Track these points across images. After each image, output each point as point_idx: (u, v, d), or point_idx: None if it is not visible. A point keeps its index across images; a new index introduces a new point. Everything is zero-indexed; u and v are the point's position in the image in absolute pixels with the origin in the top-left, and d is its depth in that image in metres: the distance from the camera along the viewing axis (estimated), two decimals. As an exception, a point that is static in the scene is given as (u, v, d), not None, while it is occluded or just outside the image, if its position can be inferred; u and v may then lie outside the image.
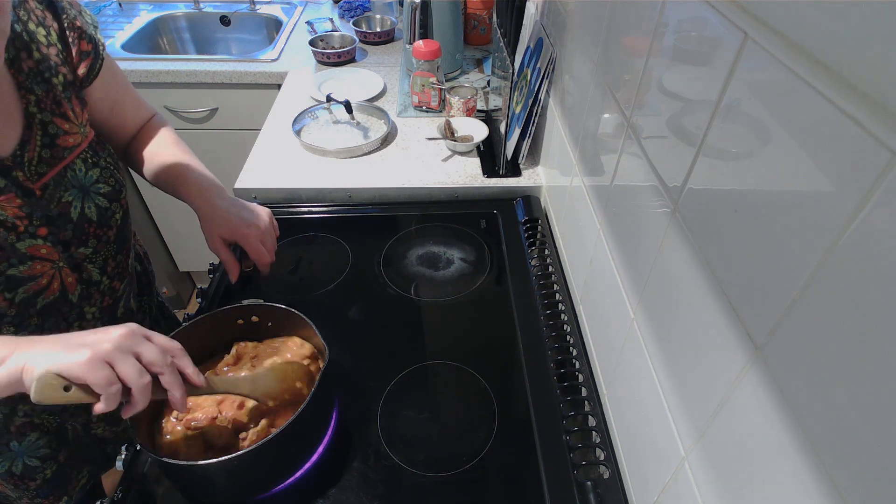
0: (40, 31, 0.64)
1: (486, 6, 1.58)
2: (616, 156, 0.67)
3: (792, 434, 0.34)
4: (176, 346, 0.56)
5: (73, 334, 0.53)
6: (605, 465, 0.67)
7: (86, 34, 0.69)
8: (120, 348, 0.51)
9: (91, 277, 0.71)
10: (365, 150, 1.19)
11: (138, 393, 0.51)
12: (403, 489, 0.65)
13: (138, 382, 0.51)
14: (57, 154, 0.65)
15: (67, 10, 0.67)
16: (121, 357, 0.51)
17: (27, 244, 0.63)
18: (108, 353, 0.50)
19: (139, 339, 0.53)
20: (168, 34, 1.90)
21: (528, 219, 1.05)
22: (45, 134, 0.64)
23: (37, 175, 0.63)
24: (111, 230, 0.73)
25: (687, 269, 0.48)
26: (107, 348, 0.50)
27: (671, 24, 0.52)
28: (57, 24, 0.66)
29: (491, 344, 0.84)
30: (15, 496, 0.79)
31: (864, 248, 0.29)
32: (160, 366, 0.53)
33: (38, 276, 0.65)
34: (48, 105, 0.64)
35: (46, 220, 0.64)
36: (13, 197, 0.61)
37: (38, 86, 0.63)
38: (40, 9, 0.64)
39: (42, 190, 0.63)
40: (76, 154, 0.67)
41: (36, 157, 0.63)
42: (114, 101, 0.78)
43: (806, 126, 0.33)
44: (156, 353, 0.53)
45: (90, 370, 0.49)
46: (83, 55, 0.69)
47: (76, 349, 0.50)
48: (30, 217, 0.62)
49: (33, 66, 0.62)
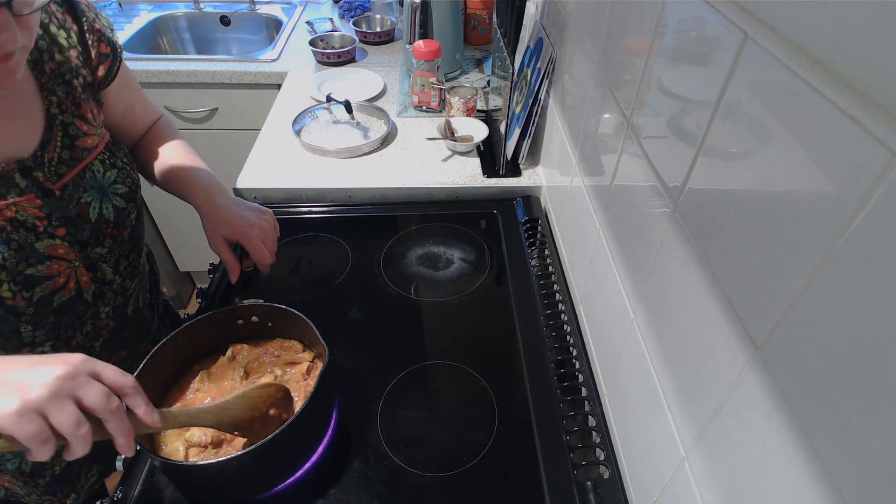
0: (61, 33, 0.65)
1: (486, 6, 1.58)
2: (616, 156, 0.67)
3: (792, 434, 0.34)
4: (128, 383, 0.50)
5: (5, 365, 0.47)
6: (605, 465, 0.67)
7: (104, 37, 0.71)
8: (57, 394, 0.45)
9: (105, 277, 0.72)
10: (365, 150, 1.19)
11: (75, 443, 0.46)
12: (403, 489, 0.65)
13: (75, 434, 0.46)
14: (76, 155, 0.66)
15: (86, 13, 0.68)
16: (55, 406, 0.45)
17: (45, 244, 0.63)
18: (40, 402, 0.44)
19: (82, 378, 0.47)
20: (168, 34, 1.90)
21: (528, 219, 1.05)
22: (66, 135, 0.64)
23: (56, 176, 0.63)
24: (126, 230, 0.73)
25: (687, 269, 0.48)
26: (39, 396, 0.44)
27: (671, 24, 0.52)
28: (77, 27, 0.67)
29: (491, 344, 0.84)
30: (24, 493, 0.79)
31: (864, 248, 0.29)
32: (103, 411, 0.47)
33: (55, 276, 0.65)
34: (69, 106, 0.65)
35: (65, 221, 0.64)
36: (33, 198, 0.61)
37: (60, 87, 0.64)
38: (60, 11, 0.65)
39: (61, 190, 0.64)
40: (94, 155, 0.68)
41: (56, 158, 0.63)
42: (127, 103, 0.79)
43: (806, 126, 0.33)
44: (99, 397, 0.47)
45: (17, 423, 0.43)
46: (102, 57, 0.70)
47: (4, 394, 0.44)
48: (49, 217, 0.63)
49: (55, 68, 0.63)
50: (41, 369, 0.46)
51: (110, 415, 0.48)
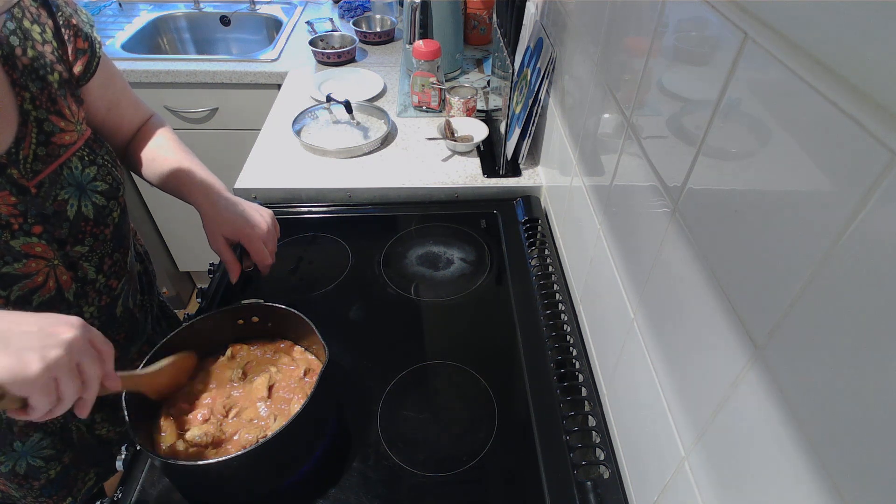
0: (35, 28, 0.64)
1: (486, 6, 1.58)
2: (616, 156, 0.67)
3: (792, 434, 0.34)
4: (109, 351, 0.53)
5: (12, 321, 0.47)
6: (605, 465, 0.67)
7: (81, 32, 0.69)
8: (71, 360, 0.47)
9: (86, 276, 0.71)
10: (365, 150, 1.19)
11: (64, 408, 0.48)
12: (403, 489, 0.65)
13: (70, 402, 0.48)
14: (52, 152, 0.65)
15: (62, 8, 0.67)
16: (68, 373, 0.47)
17: (21, 242, 0.63)
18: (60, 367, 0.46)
19: (88, 347, 0.49)
20: (168, 34, 1.90)
21: (528, 219, 1.05)
22: (41, 131, 0.63)
23: (32, 173, 0.63)
24: (108, 228, 0.72)
25: (687, 269, 0.48)
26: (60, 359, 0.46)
27: (671, 24, 0.52)
28: (52, 22, 0.66)
29: (491, 344, 0.84)
30: (19, 496, 0.79)
31: (864, 248, 0.29)
32: (94, 381, 0.50)
33: (33, 274, 0.64)
34: (43, 102, 0.64)
35: (41, 218, 0.64)
36: (7, 195, 0.60)
37: (33, 83, 0.63)
38: (34, 6, 0.64)
39: (37, 188, 0.63)
40: (72, 152, 0.67)
41: (31, 155, 0.62)
42: (111, 101, 0.77)
43: (806, 126, 0.33)
44: (94, 368, 0.50)
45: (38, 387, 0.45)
46: (79, 53, 0.69)
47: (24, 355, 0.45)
48: (24, 215, 0.62)
49: (28, 64, 0.62)
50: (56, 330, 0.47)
51: (96, 382, 0.50)
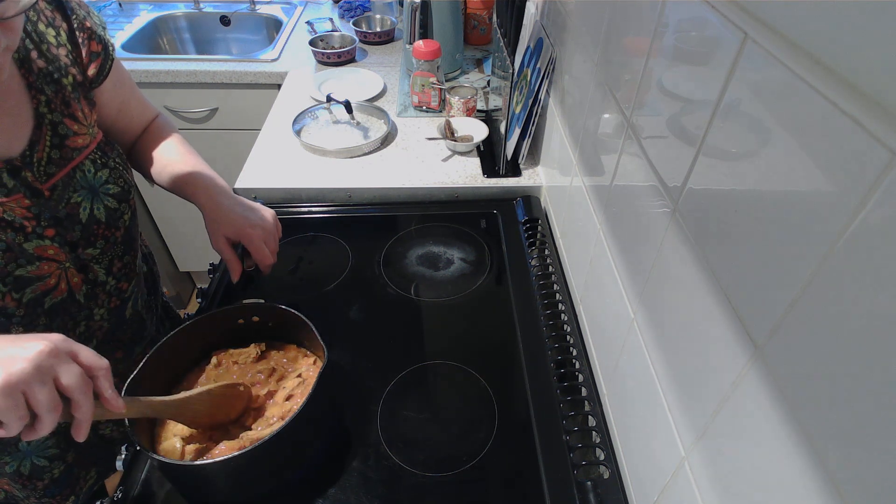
0: (50, 31, 0.64)
1: (486, 6, 1.58)
2: (616, 156, 0.67)
3: (792, 434, 0.34)
4: (102, 366, 0.51)
5: None
6: (605, 465, 0.67)
7: (95, 35, 0.70)
8: (39, 371, 0.45)
9: (97, 278, 0.71)
10: (365, 150, 1.19)
11: (45, 422, 0.46)
12: (403, 489, 0.65)
13: (49, 414, 0.46)
14: (66, 155, 0.65)
15: (77, 11, 0.67)
16: (38, 383, 0.45)
17: (34, 245, 0.63)
18: (24, 379, 0.44)
19: (63, 358, 0.47)
20: (168, 34, 1.90)
21: (528, 219, 1.05)
22: (55, 134, 0.64)
23: (46, 176, 0.63)
24: (119, 231, 0.73)
25: (687, 269, 0.48)
26: (24, 371, 0.44)
27: (671, 24, 0.52)
28: (66, 25, 0.66)
29: (491, 344, 0.84)
30: (22, 496, 0.79)
31: (864, 248, 0.29)
32: (77, 393, 0.47)
33: (45, 277, 0.65)
34: (58, 105, 0.64)
35: (54, 221, 0.64)
36: (21, 198, 0.61)
37: (49, 86, 0.63)
38: (49, 9, 0.65)
39: (51, 191, 0.63)
40: (85, 155, 0.67)
41: (45, 158, 0.63)
42: (122, 102, 0.78)
43: (806, 126, 0.33)
44: (75, 378, 0.47)
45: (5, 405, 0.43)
46: (93, 56, 0.69)
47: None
48: (37, 218, 0.62)
49: (43, 67, 0.63)
50: (23, 346, 0.46)
51: (83, 396, 0.48)
